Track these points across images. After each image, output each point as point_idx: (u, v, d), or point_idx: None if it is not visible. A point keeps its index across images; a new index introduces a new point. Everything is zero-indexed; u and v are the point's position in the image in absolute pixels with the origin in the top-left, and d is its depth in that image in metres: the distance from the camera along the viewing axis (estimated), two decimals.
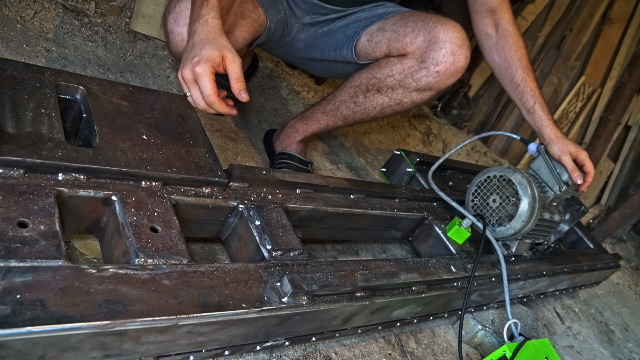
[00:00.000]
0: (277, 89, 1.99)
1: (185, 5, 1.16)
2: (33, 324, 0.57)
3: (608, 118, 3.34)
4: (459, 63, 1.28)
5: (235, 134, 1.58)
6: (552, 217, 1.43)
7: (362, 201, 1.23)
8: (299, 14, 1.44)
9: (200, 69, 0.91)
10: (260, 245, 0.93)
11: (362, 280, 0.94)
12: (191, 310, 0.70)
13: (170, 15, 1.18)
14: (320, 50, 1.47)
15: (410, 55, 1.30)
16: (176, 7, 1.17)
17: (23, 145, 0.74)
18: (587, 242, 2.04)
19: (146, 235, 0.78)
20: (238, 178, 0.98)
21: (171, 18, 1.18)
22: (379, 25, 1.37)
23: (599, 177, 3.36)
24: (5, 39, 1.29)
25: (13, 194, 0.70)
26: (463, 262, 1.25)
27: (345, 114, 1.44)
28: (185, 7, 1.16)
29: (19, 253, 0.63)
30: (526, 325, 1.46)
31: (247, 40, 1.29)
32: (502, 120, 3.10)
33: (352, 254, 1.41)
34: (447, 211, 1.47)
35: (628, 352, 2.04)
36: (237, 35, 1.25)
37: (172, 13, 1.18)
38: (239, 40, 1.26)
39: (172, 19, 1.18)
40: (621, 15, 3.32)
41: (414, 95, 1.35)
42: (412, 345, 1.25)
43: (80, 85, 0.91)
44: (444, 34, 1.26)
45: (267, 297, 0.81)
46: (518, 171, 1.34)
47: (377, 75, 1.36)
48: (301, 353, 1.03)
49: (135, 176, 0.84)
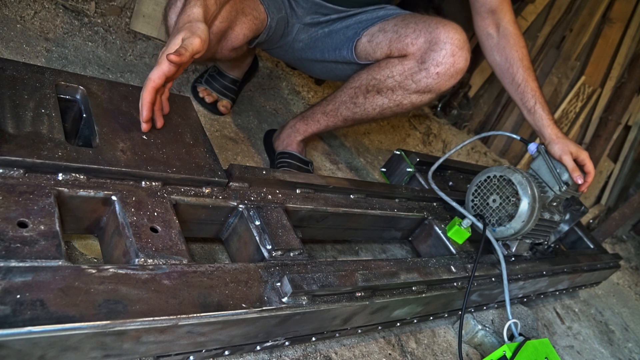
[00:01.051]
0: (277, 89, 1.99)
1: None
2: (33, 324, 0.57)
3: (608, 118, 3.34)
4: (458, 65, 1.28)
5: (235, 134, 1.58)
6: (552, 217, 1.43)
7: (362, 201, 1.23)
8: (300, 13, 1.44)
9: (160, 59, 0.89)
10: (260, 245, 0.93)
11: (362, 280, 0.94)
12: (191, 310, 0.70)
13: (171, 11, 1.18)
14: (320, 51, 1.47)
15: (411, 56, 1.31)
16: (177, 2, 1.17)
17: (23, 145, 0.74)
18: (587, 242, 2.04)
19: (146, 235, 0.78)
20: (238, 178, 0.98)
21: (172, 13, 1.18)
22: (380, 26, 1.38)
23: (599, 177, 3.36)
24: (5, 39, 1.29)
25: (13, 194, 0.70)
26: (463, 262, 1.25)
27: (345, 115, 1.45)
28: None
29: (19, 253, 0.63)
30: (526, 325, 1.46)
31: (247, 37, 1.29)
32: (502, 120, 3.10)
33: (352, 254, 1.41)
34: (447, 211, 1.47)
35: (628, 352, 2.04)
36: (237, 31, 1.25)
37: (173, 8, 1.18)
38: (239, 37, 1.26)
39: (172, 15, 1.18)
40: (621, 15, 3.32)
41: (414, 97, 1.35)
42: (412, 345, 1.25)
43: (80, 85, 0.91)
44: (445, 35, 1.26)
45: (267, 297, 0.81)
46: (518, 171, 1.34)
47: (377, 77, 1.36)
48: (301, 353, 1.03)
49: (135, 176, 0.84)
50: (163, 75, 0.88)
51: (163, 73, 0.88)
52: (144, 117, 0.90)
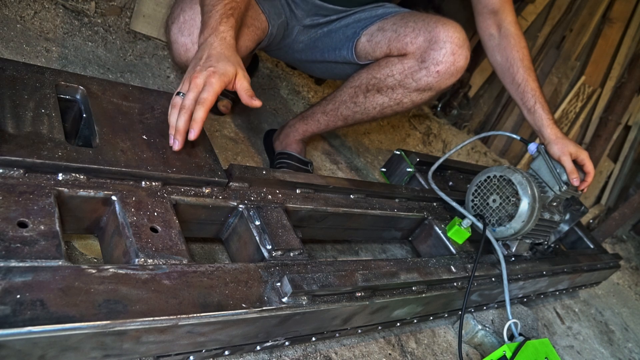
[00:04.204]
0: (277, 89, 1.99)
1: (189, 15, 1.15)
2: (33, 324, 0.57)
3: (608, 118, 3.34)
4: (459, 63, 1.28)
5: (235, 134, 1.58)
6: (552, 217, 1.43)
7: (362, 201, 1.23)
8: (299, 15, 1.44)
9: (214, 80, 0.91)
10: (260, 245, 0.93)
11: (362, 280, 0.94)
12: (191, 310, 0.70)
13: (174, 25, 1.17)
14: (320, 51, 1.47)
15: (411, 55, 1.30)
16: (180, 16, 1.16)
17: (23, 145, 0.74)
18: (587, 242, 2.04)
19: (146, 235, 0.78)
20: (238, 178, 0.98)
21: (175, 28, 1.17)
22: (379, 25, 1.37)
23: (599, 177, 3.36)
24: (5, 39, 1.29)
25: (13, 194, 0.70)
26: (463, 262, 1.25)
27: (345, 114, 1.45)
28: (190, 17, 1.15)
29: (19, 253, 0.63)
30: (526, 325, 1.46)
31: (249, 49, 1.28)
32: (502, 120, 3.10)
33: (352, 254, 1.41)
34: (447, 211, 1.47)
35: (628, 352, 2.04)
36: (240, 44, 1.24)
37: (176, 23, 1.17)
38: (242, 49, 1.25)
39: (175, 29, 1.17)
40: (621, 15, 3.32)
41: (414, 95, 1.35)
42: (412, 345, 1.25)
43: (80, 85, 0.91)
44: (445, 33, 1.26)
45: (267, 297, 0.81)
46: (518, 171, 1.34)
47: (377, 76, 1.36)
48: (301, 353, 1.03)
49: (135, 176, 0.84)
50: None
51: (213, 100, 0.92)
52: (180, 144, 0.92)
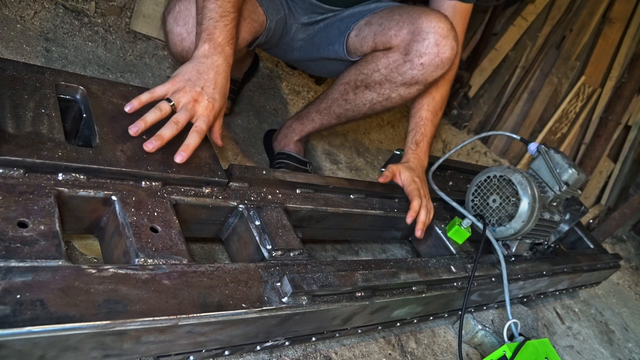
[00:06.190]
0: (277, 89, 1.99)
1: (184, 5, 1.15)
2: (33, 324, 0.57)
3: (608, 118, 3.34)
4: (444, 54, 1.24)
5: (235, 134, 1.58)
6: (552, 217, 1.43)
7: (362, 201, 1.23)
8: (297, 13, 1.44)
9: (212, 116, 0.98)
10: (260, 245, 0.93)
11: (362, 280, 0.94)
12: (191, 310, 0.70)
13: (170, 15, 1.18)
14: (316, 48, 1.46)
15: (395, 49, 1.28)
16: (175, 6, 1.17)
17: (23, 145, 0.74)
18: (587, 242, 2.03)
19: (146, 235, 0.78)
20: (238, 178, 0.98)
21: (170, 18, 1.18)
22: (368, 19, 1.36)
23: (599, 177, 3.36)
24: (5, 39, 1.29)
25: (13, 194, 0.70)
26: (463, 262, 1.25)
27: (337, 112, 1.44)
28: (185, 7, 1.16)
29: (19, 253, 0.63)
30: (526, 325, 1.46)
31: (247, 41, 1.28)
32: (502, 120, 3.10)
33: (352, 254, 1.41)
34: (447, 211, 1.47)
35: (628, 352, 2.04)
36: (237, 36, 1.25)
37: (172, 13, 1.17)
38: (239, 42, 1.25)
39: (171, 19, 1.17)
40: (621, 15, 3.32)
41: (402, 90, 1.33)
42: (412, 345, 1.25)
43: (80, 85, 0.91)
44: (428, 24, 1.23)
45: (267, 297, 0.81)
46: (518, 171, 1.34)
47: (364, 71, 1.34)
48: (301, 353, 1.03)
49: (135, 176, 0.84)
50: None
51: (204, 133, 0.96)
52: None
